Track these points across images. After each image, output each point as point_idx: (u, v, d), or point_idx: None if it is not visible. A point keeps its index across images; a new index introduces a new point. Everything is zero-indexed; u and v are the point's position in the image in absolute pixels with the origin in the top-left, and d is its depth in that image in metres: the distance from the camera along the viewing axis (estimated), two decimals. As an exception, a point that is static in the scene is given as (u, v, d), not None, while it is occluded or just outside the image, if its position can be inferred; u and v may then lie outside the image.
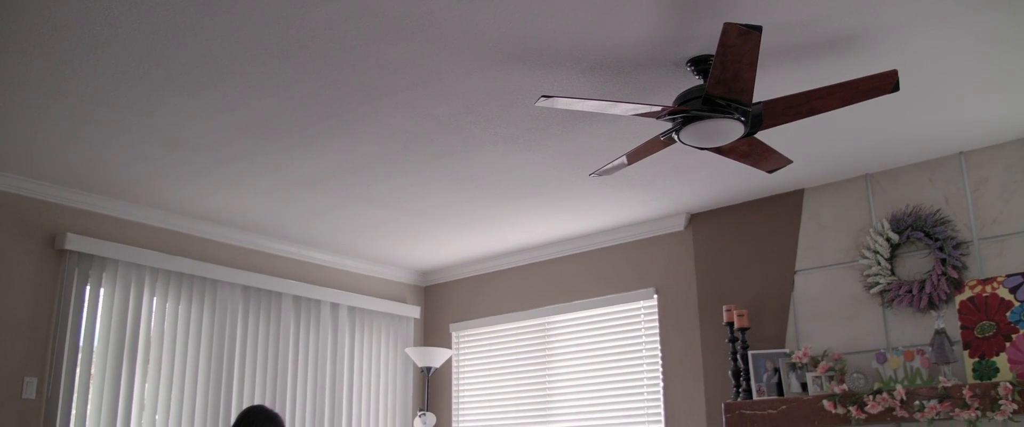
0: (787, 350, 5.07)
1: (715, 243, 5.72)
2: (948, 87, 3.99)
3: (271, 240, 6.31)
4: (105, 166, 4.91)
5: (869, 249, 4.93)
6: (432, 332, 7.36)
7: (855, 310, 4.97)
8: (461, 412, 7.01)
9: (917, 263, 4.82)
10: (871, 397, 4.52)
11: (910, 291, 4.74)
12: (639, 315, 6.07)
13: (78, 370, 5.17)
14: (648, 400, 5.88)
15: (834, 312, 5.05)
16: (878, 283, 4.86)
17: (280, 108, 4.12)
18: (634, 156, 3.91)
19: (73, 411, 5.10)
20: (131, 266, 5.51)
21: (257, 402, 5.92)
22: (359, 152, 4.70)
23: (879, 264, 4.87)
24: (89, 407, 5.20)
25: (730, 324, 5.25)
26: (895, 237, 4.85)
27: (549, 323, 6.59)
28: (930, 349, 4.53)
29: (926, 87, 3.97)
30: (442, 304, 7.36)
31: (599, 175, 4.22)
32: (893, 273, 4.86)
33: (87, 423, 5.16)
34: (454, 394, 7.07)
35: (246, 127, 4.36)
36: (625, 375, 6.04)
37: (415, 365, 6.98)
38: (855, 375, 4.71)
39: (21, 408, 4.94)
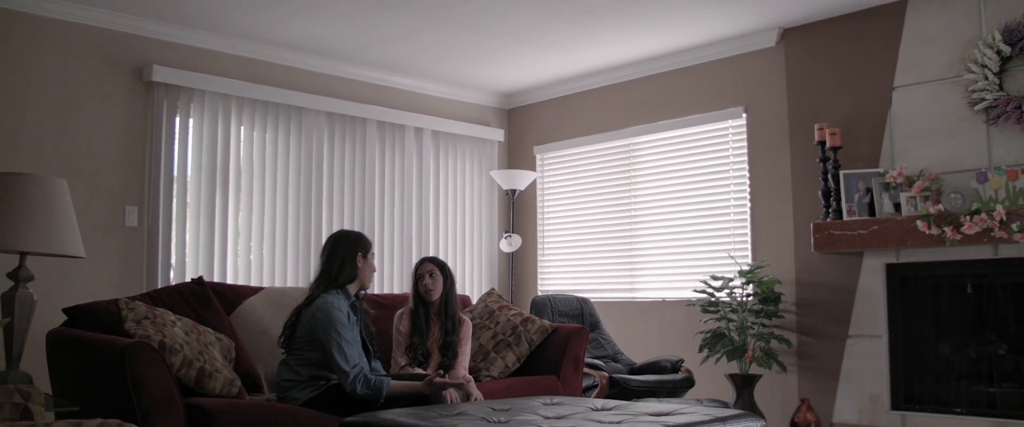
0: (881, 170, 4.90)
1: (808, 59, 5.47)
2: None
3: (354, 66, 6.29)
4: (183, -5, 4.89)
5: (976, 63, 4.63)
6: (516, 155, 7.37)
7: (956, 128, 4.74)
8: (546, 234, 7.10)
9: (1028, 77, 4.52)
10: (968, 217, 4.38)
11: (1019, 107, 4.46)
12: (727, 135, 5.93)
13: (174, 199, 5.37)
14: (735, 221, 5.83)
15: (933, 130, 4.82)
16: (984, 99, 4.60)
17: (352, -71, 3.99)
18: (723, -30, 3.69)
19: (173, 238, 5.33)
20: (218, 96, 5.58)
21: (346, 228, 6.08)
22: (435, -27, 4.55)
23: (986, 79, 4.58)
24: (188, 234, 5.42)
25: (821, 143, 5.10)
26: (1006, 49, 4.53)
27: (634, 144, 6.51)
28: (1036, 168, 4.32)
29: None
30: (526, 127, 7.32)
31: (686, -9, 4.01)
32: (1001, 88, 4.57)
33: (187, 249, 5.40)
34: (539, 216, 7.15)
35: (319, -49, 4.25)
36: (712, 196, 5.98)
37: (500, 188, 7.04)
38: (952, 195, 4.54)
39: (125, 235, 5.18)
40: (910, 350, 4.84)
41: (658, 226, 6.29)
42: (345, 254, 3.71)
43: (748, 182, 5.75)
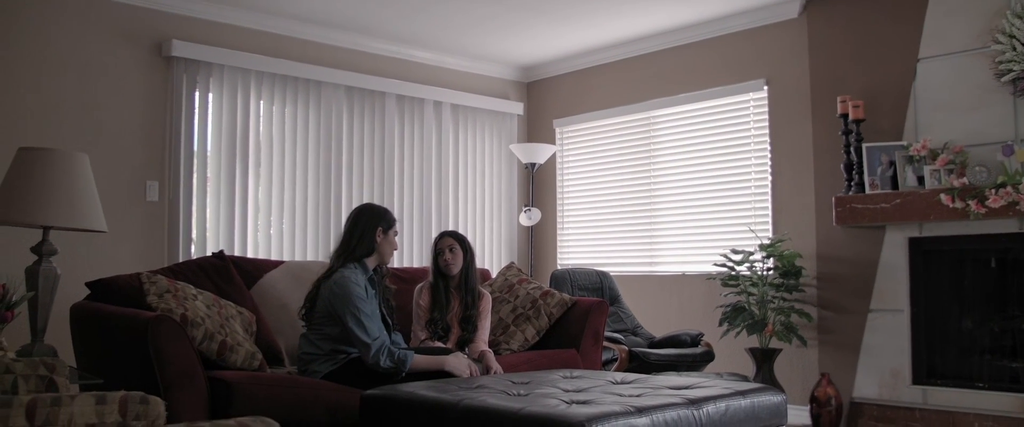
0: (904, 143, 4.84)
1: (831, 31, 5.40)
2: None
3: (373, 39, 6.27)
4: (202, -31, 4.88)
5: (1004, 33, 4.54)
6: (536, 128, 7.34)
7: (982, 100, 4.67)
8: (566, 207, 7.09)
9: (1056, 47, 4.44)
10: (993, 191, 4.32)
11: (1046, 78, 4.39)
12: (748, 107, 5.88)
13: (195, 174, 5.39)
14: (755, 194, 5.80)
15: (958, 102, 4.75)
16: (1011, 70, 4.51)
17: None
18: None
19: (194, 212, 5.36)
20: (237, 70, 5.59)
21: (366, 201, 6.09)
22: (454, -55, 4.52)
23: (1014, 49, 4.50)
24: (208, 209, 5.45)
25: (844, 116, 5.04)
26: (1034, 19, 4.45)
27: (654, 117, 6.46)
28: (1063, 140, 4.25)
29: None
30: (545, 100, 7.29)
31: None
32: (1029, 59, 4.49)
33: (208, 223, 5.43)
34: (559, 190, 7.13)
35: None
36: (732, 169, 5.94)
37: (519, 161, 7.02)
38: (977, 168, 4.49)
39: (147, 210, 5.22)
40: (932, 324, 4.81)
41: (678, 199, 6.26)
42: (365, 227, 3.71)
43: (769, 155, 5.71)
